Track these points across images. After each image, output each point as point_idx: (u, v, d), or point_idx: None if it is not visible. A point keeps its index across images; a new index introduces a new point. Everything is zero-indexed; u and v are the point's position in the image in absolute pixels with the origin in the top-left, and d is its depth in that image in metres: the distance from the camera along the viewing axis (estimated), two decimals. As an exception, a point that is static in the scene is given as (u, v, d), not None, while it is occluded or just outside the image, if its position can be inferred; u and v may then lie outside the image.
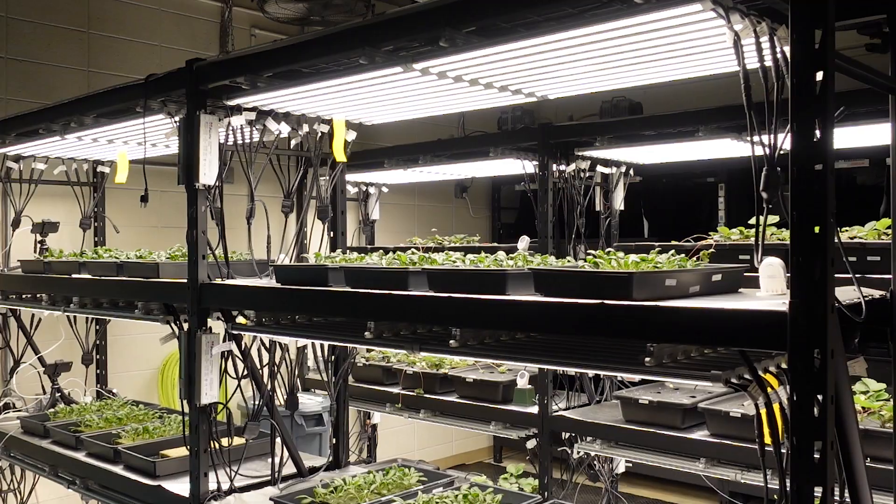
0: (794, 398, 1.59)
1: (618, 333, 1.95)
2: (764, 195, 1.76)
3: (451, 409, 4.63)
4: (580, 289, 2.02)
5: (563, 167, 4.36)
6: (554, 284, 2.11)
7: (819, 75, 1.56)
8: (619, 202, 4.68)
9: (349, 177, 4.34)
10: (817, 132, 1.56)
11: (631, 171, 4.69)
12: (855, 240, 3.24)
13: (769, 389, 1.82)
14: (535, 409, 4.25)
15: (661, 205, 6.79)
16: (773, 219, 3.41)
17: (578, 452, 4.06)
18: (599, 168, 4.51)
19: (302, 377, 5.34)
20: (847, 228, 3.35)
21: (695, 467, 3.58)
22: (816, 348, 1.55)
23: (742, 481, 3.46)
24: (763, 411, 1.84)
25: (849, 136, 3.53)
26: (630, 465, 4.64)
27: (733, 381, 1.84)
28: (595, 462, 4.32)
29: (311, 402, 5.62)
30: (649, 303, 1.86)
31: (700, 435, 3.60)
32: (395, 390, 4.86)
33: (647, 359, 1.91)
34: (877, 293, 2.04)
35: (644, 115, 4.64)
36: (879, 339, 2.08)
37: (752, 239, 1.93)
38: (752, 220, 2.00)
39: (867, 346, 1.95)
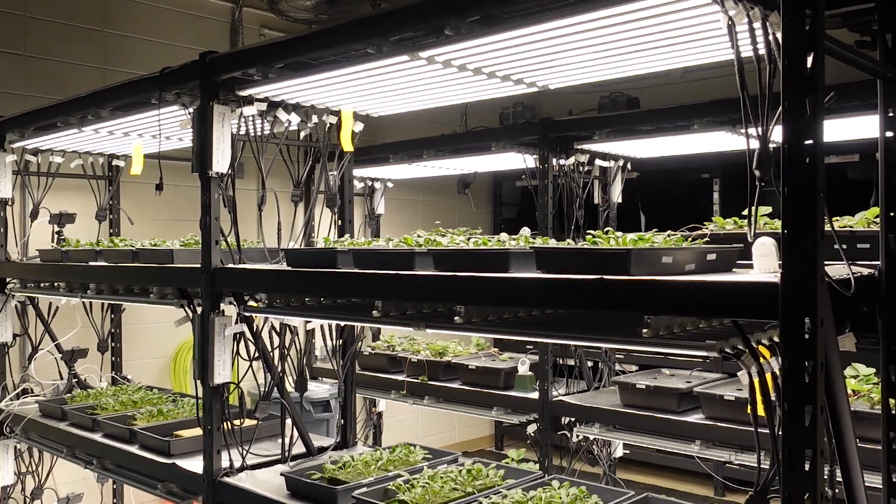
0: (786, 364, 1.66)
1: (617, 306, 2.00)
2: (757, 173, 1.85)
3: (455, 396, 4.73)
4: (580, 265, 2.08)
5: (562, 161, 4.45)
6: (555, 261, 2.18)
7: (810, 57, 1.63)
8: (616, 195, 4.76)
9: (355, 172, 4.42)
10: (807, 110, 1.63)
11: (628, 166, 4.78)
12: (846, 228, 3.34)
13: (761, 360, 1.92)
14: (535, 395, 4.34)
15: (658, 200, 6.87)
16: (766, 209, 3.51)
17: (578, 436, 4.15)
18: (598, 162, 4.60)
19: (310, 365, 5.44)
20: (838, 218, 3.44)
21: (690, 449, 3.66)
22: (807, 317, 1.63)
23: (736, 463, 3.54)
24: (756, 381, 1.93)
25: (839, 129, 3.62)
26: (628, 451, 4.74)
27: (727, 350, 1.92)
28: (594, 447, 4.41)
29: (319, 389, 5.72)
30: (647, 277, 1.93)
31: (695, 418, 3.70)
32: (400, 378, 4.95)
33: (645, 330, 2.00)
34: (865, 271, 2.13)
35: (641, 110, 4.73)
36: (870, 327, 2.16)
37: (746, 229, 2.02)
38: (746, 212, 2.09)
39: (858, 336, 2.03)
